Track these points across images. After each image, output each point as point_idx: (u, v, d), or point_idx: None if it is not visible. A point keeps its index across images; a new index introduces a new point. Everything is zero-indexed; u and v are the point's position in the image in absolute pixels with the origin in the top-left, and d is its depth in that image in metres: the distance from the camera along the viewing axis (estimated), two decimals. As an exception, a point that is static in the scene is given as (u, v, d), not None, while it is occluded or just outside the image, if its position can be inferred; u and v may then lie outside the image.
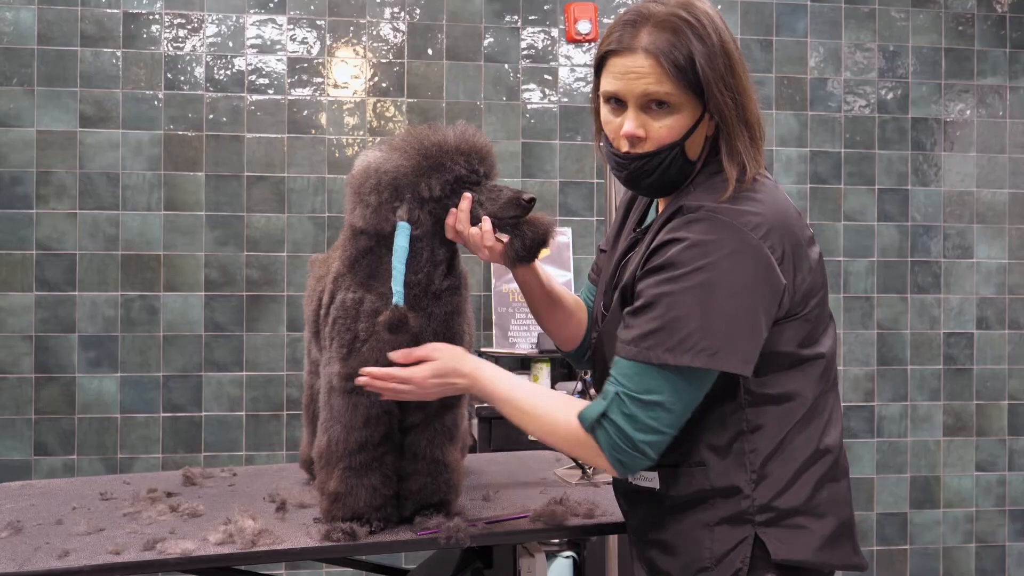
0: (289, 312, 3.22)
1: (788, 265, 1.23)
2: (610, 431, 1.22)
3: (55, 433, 3.10)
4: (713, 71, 1.25)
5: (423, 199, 1.39)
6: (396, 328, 1.35)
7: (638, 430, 1.21)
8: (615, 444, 1.22)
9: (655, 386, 1.20)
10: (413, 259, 1.40)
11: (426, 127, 1.46)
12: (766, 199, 1.26)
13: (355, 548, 1.42)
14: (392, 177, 1.39)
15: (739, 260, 1.19)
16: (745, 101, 1.27)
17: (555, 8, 3.38)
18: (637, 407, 1.21)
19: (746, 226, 1.21)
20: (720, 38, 1.26)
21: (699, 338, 1.18)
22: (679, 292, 1.19)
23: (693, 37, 1.24)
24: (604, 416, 1.23)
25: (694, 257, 1.20)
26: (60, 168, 3.12)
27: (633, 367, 1.21)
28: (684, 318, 1.19)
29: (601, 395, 1.26)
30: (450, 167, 1.39)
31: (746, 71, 1.30)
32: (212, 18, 3.21)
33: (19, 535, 1.48)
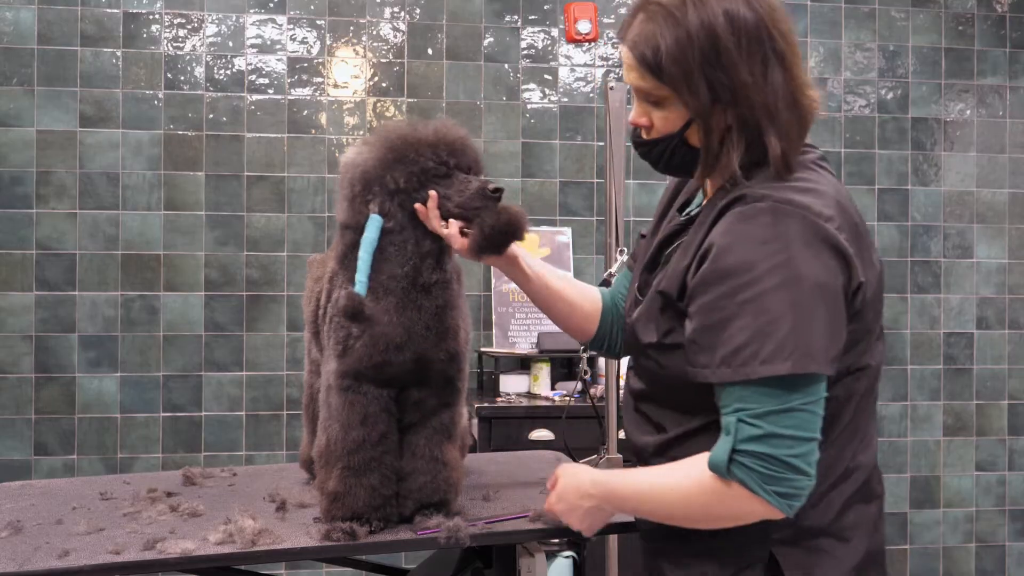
0: (289, 312, 3.22)
1: (858, 257, 1.12)
2: (750, 463, 1.07)
3: (55, 433, 3.10)
4: (680, 65, 1.15)
5: (391, 192, 1.41)
6: (352, 315, 1.39)
7: (781, 446, 1.06)
8: (764, 475, 1.07)
9: (775, 396, 1.07)
10: (398, 252, 1.42)
11: (404, 122, 1.48)
12: (827, 188, 1.16)
13: (355, 548, 1.42)
14: (362, 171, 1.43)
15: (816, 252, 1.08)
16: (746, 90, 1.15)
17: (555, 8, 3.38)
18: (769, 423, 1.06)
19: (818, 216, 1.10)
20: (704, 24, 1.14)
21: (794, 343, 1.05)
22: (761, 296, 1.07)
23: (665, 27, 1.15)
24: (736, 451, 1.08)
25: (768, 255, 1.08)
26: (60, 168, 3.12)
27: (738, 389, 1.08)
28: (774, 323, 1.06)
29: (722, 434, 1.11)
30: (414, 159, 1.40)
31: (755, 55, 1.15)
32: (212, 18, 3.21)
33: (19, 535, 1.48)
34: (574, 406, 2.43)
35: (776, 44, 1.17)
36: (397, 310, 1.41)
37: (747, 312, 1.07)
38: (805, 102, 1.20)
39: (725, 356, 1.08)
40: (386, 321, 1.41)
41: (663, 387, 1.25)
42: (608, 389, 1.98)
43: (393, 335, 1.41)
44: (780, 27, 1.17)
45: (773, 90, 1.16)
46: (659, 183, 3.42)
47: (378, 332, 1.41)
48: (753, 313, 1.07)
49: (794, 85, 1.18)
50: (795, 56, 1.19)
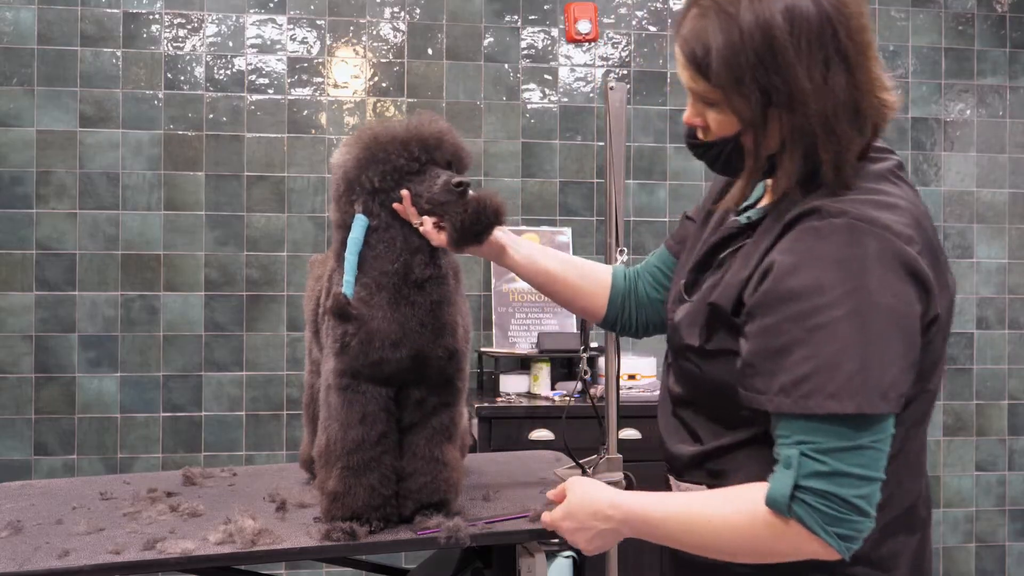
0: (289, 312, 3.22)
1: (936, 283, 1.04)
2: (813, 502, 0.99)
3: (55, 433, 3.10)
4: (731, 68, 1.05)
5: (371, 192, 1.43)
6: (338, 315, 1.39)
7: (847, 485, 0.98)
8: (827, 516, 0.99)
9: (842, 432, 0.99)
10: (387, 248, 1.43)
11: (381, 121, 1.49)
12: (906, 204, 1.06)
13: (355, 548, 1.42)
14: (343, 172, 1.45)
15: (895, 278, 1.00)
16: (804, 96, 1.04)
17: (555, 8, 3.38)
18: (836, 459, 0.99)
19: (898, 237, 1.01)
20: (760, 22, 1.03)
21: (863, 379, 0.97)
22: (830, 324, 0.98)
23: (717, 25, 1.05)
24: (798, 487, 1.00)
25: (841, 278, 0.99)
26: (60, 168, 3.12)
27: (800, 421, 1.00)
28: (844, 357, 0.98)
29: (777, 466, 1.03)
30: (384, 158, 1.41)
31: (815, 57, 1.04)
32: (212, 18, 3.21)
33: (19, 535, 1.48)
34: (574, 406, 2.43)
35: (841, 44, 1.05)
36: (390, 306, 1.42)
37: (813, 340, 0.99)
38: (872, 107, 1.08)
39: (785, 385, 1.00)
40: (380, 317, 1.41)
41: (703, 393, 1.18)
42: (608, 389, 1.97)
43: (388, 331, 1.41)
44: (849, 23, 1.05)
45: (832, 96, 1.05)
46: (659, 183, 3.42)
47: (373, 329, 1.41)
48: (820, 341, 0.98)
49: (860, 90, 1.06)
50: (864, 55, 1.07)
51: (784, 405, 1.00)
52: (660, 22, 3.45)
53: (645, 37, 3.44)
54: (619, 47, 3.43)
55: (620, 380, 1.99)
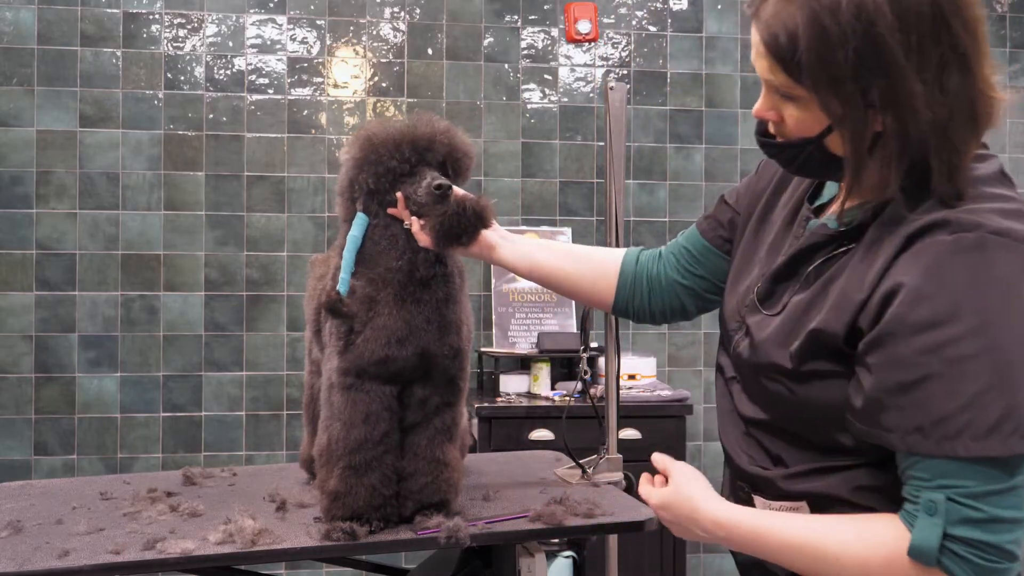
0: (289, 312, 3.22)
1: None
2: (965, 553, 0.90)
3: (55, 433, 3.10)
4: (826, 66, 0.92)
5: (369, 192, 1.44)
6: (331, 311, 1.41)
7: (1003, 531, 0.89)
8: (979, 567, 0.90)
9: (993, 475, 0.89)
10: (391, 246, 1.43)
11: (379, 121, 1.51)
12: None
13: (355, 548, 1.42)
14: (345, 171, 1.47)
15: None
16: (912, 102, 0.92)
17: (555, 8, 3.38)
18: (990, 505, 0.89)
19: None
20: (862, 13, 0.90)
21: (1012, 417, 0.87)
22: (974, 357, 0.88)
23: (809, 12, 0.92)
24: (948, 537, 0.90)
25: (983, 303, 0.88)
26: (60, 168, 3.12)
27: (942, 463, 0.90)
28: (989, 393, 0.87)
29: (915, 509, 0.93)
30: (376, 160, 1.42)
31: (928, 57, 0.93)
32: (212, 18, 3.21)
33: (19, 535, 1.48)
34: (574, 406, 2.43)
35: (957, 39, 0.93)
36: (396, 303, 1.42)
37: (954, 374, 0.88)
38: (985, 108, 0.98)
39: (923, 425, 0.90)
40: (386, 314, 1.42)
41: (793, 416, 1.06)
42: (608, 389, 1.98)
43: (394, 328, 1.42)
44: (965, 14, 0.94)
45: (949, 101, 0.93)
46: (659, 183, 3.42)
47: (379, 326, 1.42)
48: (962, 376, 0.88)
49: (976, 89, 0.96)
50: (980, 51, 0.96)
51: (923, 446, 0.90)
52: (660, 22, 3.45)
53: (645, 37, 3.44)
54: (619, 47, 3.43)
55: (620, 380, 2.00)
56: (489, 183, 3.31)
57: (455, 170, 1.47)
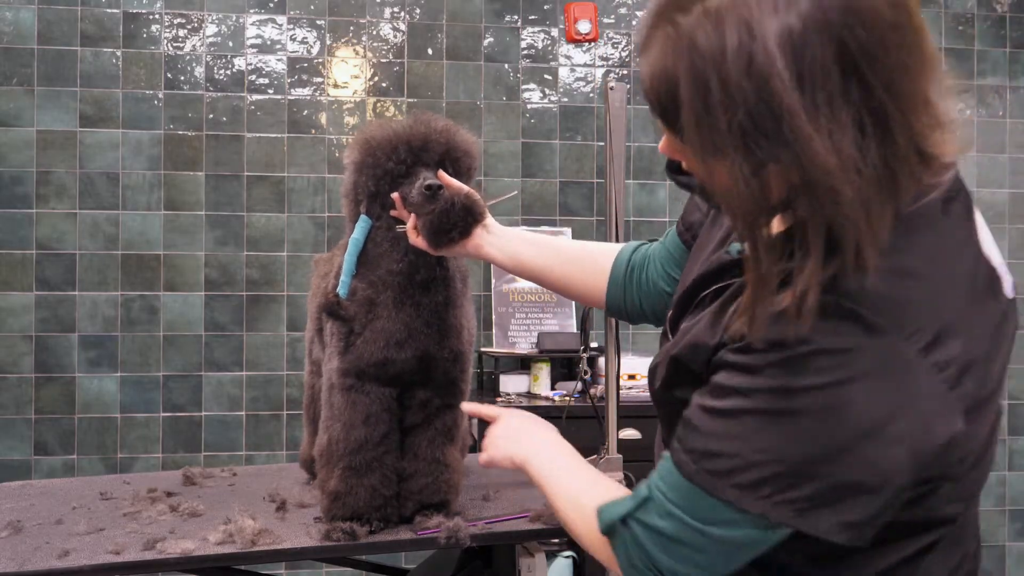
0: (289, 312, 3.22)
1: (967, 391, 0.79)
2: (628, 542, 0.91)
3: (55, 433, 3.10)
4: (709, 133, 0.76)
5: (370, 194, 1.44)
6: (329, 313, 1.42)
7: (665, 552, 0.88)
8: (631, 558, 0.91)
9: (707, 515, 0.84)
10: (392, 248, 1.43)
11: (378, 122, 1.51)
12: (937, 274, 0.81)
13: (355, 548, 1.42)
14: (348, 173, 1.47)
15: (881, 389, 0.77)
16: (829, 177, 0.73)
17: (555, 8, 3.38)
18: (675, 526, 0.87)
19: (903, 331, 0.77)
20: (753, 72, 0.72)
21: (787, 486, 0.79)
22: (778, 417, 0.80)
23: (687, 67, 0.76)
24: (627, 519, 0.91)
25: (803, 374, 0.78)
26: (60, 168, 3.12)
27: (684, 483, 0.86)
28: (774, 454, 0.80)
29: (636, 489, 0.93)
30: (374, 162, 1.43)
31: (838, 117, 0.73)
32: (212, 18, 3.21)
33: (19, 535, 1.48)
34: (574, 406, 2.43)
35: (873, 95, 0.74)
36: (395, 306, 1.42)
37: (748, 423, 0.83)
38: (913, 170, 0.78)
39: (698, 451, 0.87)
40: (385, 317, 1.42)
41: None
42: (608, 389, 1.97)
43: (392, 331, 1.42)
44: (883, 61, 0.74)
45: (868, 173, 0.74)
46: (659, 183, 3.42)
47: (378, 328, 1.42)
48: (754, 429, 0.82)
49: (899, 157, 0.76)
50: (906, 104, 0.76)
51: (685, 467, 0.86)
52: (660, 22, 3.45)
53: (645, 37, 3.44)
54: (619, 47, 3.43)
55: (620, 380, 1.99)
56: (489, 183, 3.31)
57: (456, 168, 1.46)
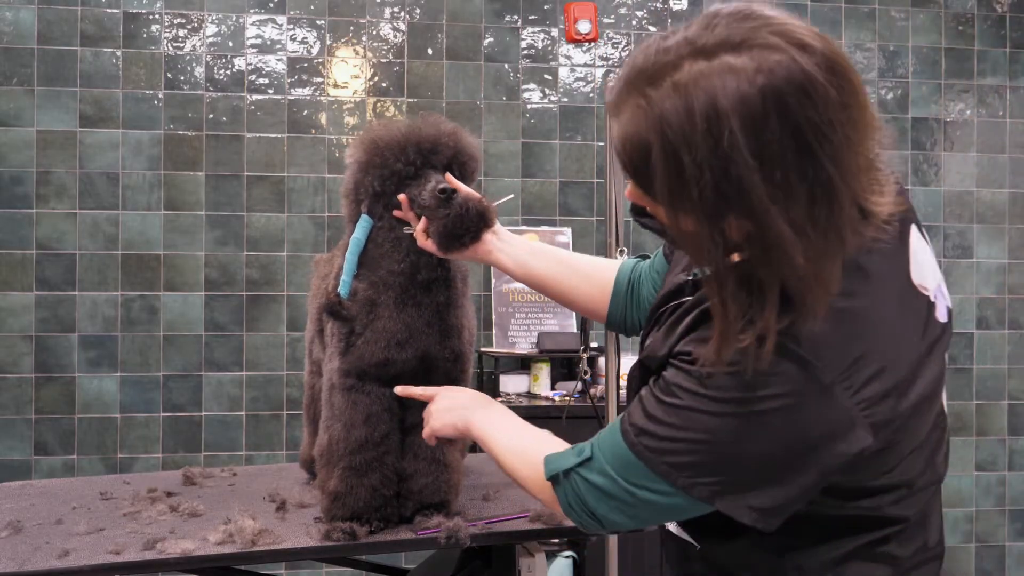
0: (289, 312, 3.22)
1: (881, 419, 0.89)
2: (568, 490, 1.04)
3: (55, 433, 3.10)
4: (681, 200, 0.84)
5: (374, 195, 1.44)
6: (330, 314, 1.41)
7: (600, 503, 1.01)
8: (570, 503, 1.04)
9: (639, 480, 0.96)
10: (393, 248, 1.43)
11: (384, 123, 1.50)
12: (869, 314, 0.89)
13: (355, 548, 1.42)
14: (350, 173, 1.46)
15: (799, 413, 0.87)
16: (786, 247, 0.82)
17: (555, 8, 3.38)
18: (610, 483, 0.99)
19: (831, 365, 0.87)
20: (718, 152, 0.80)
21: (707, 472, 0.92)
22: (705, 415, 0.91)
23: (659, 140, 0.83)
24: (570, 472, 1.03)
25: (735, 385, 0.88)
26: (60, 168, 3.12)
27: (625, 450, 0.97)
28: (700, 445, 0.91)
29: (580, 446, 1.05)
30: (381, 163, 1.42)
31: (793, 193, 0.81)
32: (212, 18, 3.21)
33: (19, 535, 1.48)
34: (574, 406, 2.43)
35: (823, 169, 0.81)
36: (396, 306, 1.42)
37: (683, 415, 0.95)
38: (856, 227, 0.87)
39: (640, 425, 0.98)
40: (387, 317, 1.42)
41: None
42: (608, 389, 1.97)
43: (394, 331, 1.42)
44: (832, 138, 0.81)
45: (819, 240, 0.83)
46: (659, 183, 3.42)
47: (379, 328, 1.42)
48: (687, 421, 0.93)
49: (843, 219, 0.84)
50: (848, 173, 0.83)
51: (627, 436, 0.97)
52: (660, 22, 3.45)
53: (645, 37, 3.44)
54: (619, 47, 3.43)
55: (620, 380, 1.99)
56: (489, 183, 3.31)
57: (461, 172, 1.46)
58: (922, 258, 0.98)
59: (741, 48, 0.82)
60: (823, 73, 0.82)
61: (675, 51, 0.84)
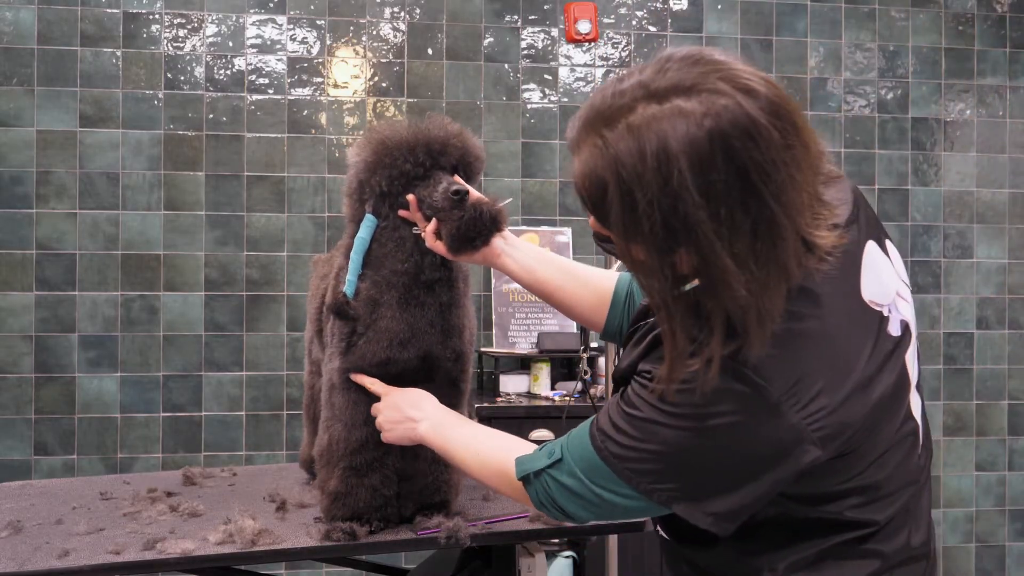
0: (289, 312, 3.22)
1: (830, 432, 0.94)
2: (540, 489, 1.10)
3: (55, 433, 3.10)
4: (634, 234, 0.91)
5: (380, 195, 1.43)
6: (337, 313, 1.41)
7: (568, 501, 1.08)
8: (541, 500, 1.11)
9: (605, 483, 1.03)
10: (397, 248, 1.43)
11: (391, 123, 1.50)
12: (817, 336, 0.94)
13: (355, 548, 1.42)
14: (355, 172, 1.45)
15: (748, 429, 0.93)
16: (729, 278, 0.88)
17: (555, 8, 3.38)
18: (578, 484, 1.05)
19: (778, 385, 0.92)
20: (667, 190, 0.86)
21: (665, 479, 0.98)
22: (662, 427, 0.97)
23: (615, 178, 0.89)
24: (541, 473, 1.10)
25: (688, 402, 0.94)
26: (60, 168, 3.12)
27: (592, 454, 1.03)
28: (658, 454, 0.97)
29: (549, 447, 1.11)
30: (390, 163, 1.41)
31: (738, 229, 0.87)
32: (212, 18, 3.21)
33: (19, 535, 1.48)
34: (574, 406, 2.43)
35: (766, 206, 0.87)
36: (399, 306, 1.42)
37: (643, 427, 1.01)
38: (800, 259, 0.93)
39: (607, 429, 1.05)
40: (389, 317, 1.42)
41: None
42: (608, 389, 1.97)
43: (396, 331, 1.42)
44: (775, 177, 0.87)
45: (761, 274, 0.89)
46: (659, 183, 3.42)
47: (381, 328, 1.41)
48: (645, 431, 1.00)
49: (787, 253, 0.90)
50: (792, 209, 0.89)
51: (596, 439, 1.03)
52: (660, 22, 3.45)
53: (645, 37, 3.44)
54: (619, 47, 3.43)
55: (620, 380, 1.99)
56: (489, 183, 3.31)
57: (467, 173, 1.47)
58: (881, 273, 1.02)
59: (691, 92, 0.87)
60: (767, 116, 0.86)
61: (630, 94, 0.90)
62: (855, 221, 1.02)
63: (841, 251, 0.97)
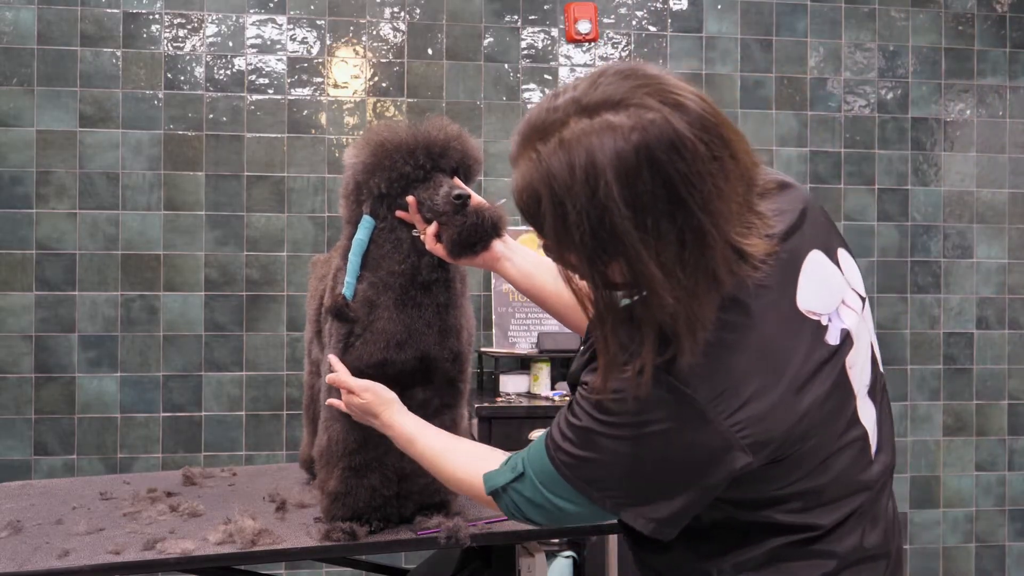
0: (289, 312, 3.22)
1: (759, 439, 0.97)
2: (507, 501, 1.14)
3: (55, 433, 3.10)
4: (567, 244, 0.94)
5: (379, 196, 1.43)
6: (336, 315, 1.41)
7: (533, 511, 1.11)
8: (510, 510, 1.15)
9: (562, 493, 1.06)
10: (394, 249, 1.43)
11: (390, 124, 1.49)
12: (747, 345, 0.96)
13: (355, 548, 1.42)
14: (353, 173, 1.46)
15: (679, 436, 0.96)
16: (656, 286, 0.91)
17: (555, 8, 3.38)
18: (538, 495, 1.09)
19: (706, 394, 0.95)
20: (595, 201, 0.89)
21: (609, 487, 1.02)
22: (601, 436, 1.00)
23: (547, 192, 0.93)
24: (507, 487, 1.13)
25: (622, 411, 0.97)
26: (60, 168, 3.12)
27: (549, 466, 1.06)
28: (601, 463, 1.01)
29: (513, 461, 1.15)
30: (390, 165, 1.41)
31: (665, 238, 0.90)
32: (212, 18, 3.21)
33: (19, 535, 1.48)
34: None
35: (692, 215, 0.89)
36: (396, 307, 1.42)
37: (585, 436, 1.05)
38: (732, 267, 0.94)
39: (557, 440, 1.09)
40: (386, 318, 1.42)
41: None
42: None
43: (393, 332, 1.42)
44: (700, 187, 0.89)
45: (688, 282, 0.91)
46: (659, 183, 3.42)
47: (378, 329, 1.42)
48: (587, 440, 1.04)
49: (716, 261, 0.92)
50: (719, 218, 0.91)
51: (550, 448, 1.07)
52: (660, 22, 3.45)
53: (645, 37, 3.44)
54: (619, 47, 3.43)
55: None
56: (489, 183, 3.31)
57: (466, 175, 1.47)
58: (826, 282, 1.03)
59: (620, 107, 0.91)
60: (694, 130, 0.89)
61: (563, 109, 0.94)
62: (797, 230, 1.03)
63: (778, 260, 0.98)
